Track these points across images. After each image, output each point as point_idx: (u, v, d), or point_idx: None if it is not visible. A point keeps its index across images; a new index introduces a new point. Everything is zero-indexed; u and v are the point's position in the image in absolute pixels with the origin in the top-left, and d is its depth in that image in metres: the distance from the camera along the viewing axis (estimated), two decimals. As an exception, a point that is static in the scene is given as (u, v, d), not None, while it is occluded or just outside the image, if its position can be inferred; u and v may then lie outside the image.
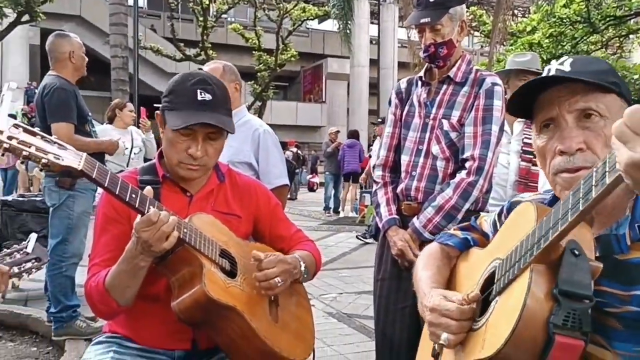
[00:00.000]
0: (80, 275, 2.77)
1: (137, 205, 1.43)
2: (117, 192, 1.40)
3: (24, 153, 1.26)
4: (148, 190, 1.46)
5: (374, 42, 24.26)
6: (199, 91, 1.60)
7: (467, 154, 2.18)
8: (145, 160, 6.25)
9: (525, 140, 2.88)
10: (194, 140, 1.61)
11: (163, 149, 1.70)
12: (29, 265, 1.65)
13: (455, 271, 1.39)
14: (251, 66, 21.34)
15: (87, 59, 3.69)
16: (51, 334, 3.53)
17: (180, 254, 1.52)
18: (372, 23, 26.40)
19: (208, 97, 1.61)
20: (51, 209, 3.53)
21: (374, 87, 24.11)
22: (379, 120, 12.89)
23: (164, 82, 25.77)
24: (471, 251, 1.38)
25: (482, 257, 1.26)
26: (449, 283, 1.36)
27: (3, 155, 1.25)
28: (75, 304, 3.48)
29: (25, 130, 1.27)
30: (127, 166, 5.44)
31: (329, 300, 5.06)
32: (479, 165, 2.17)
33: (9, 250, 1.67)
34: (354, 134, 12.30)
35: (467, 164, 2.18)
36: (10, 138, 1.24)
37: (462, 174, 2.17)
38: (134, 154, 5.67)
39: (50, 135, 1.35)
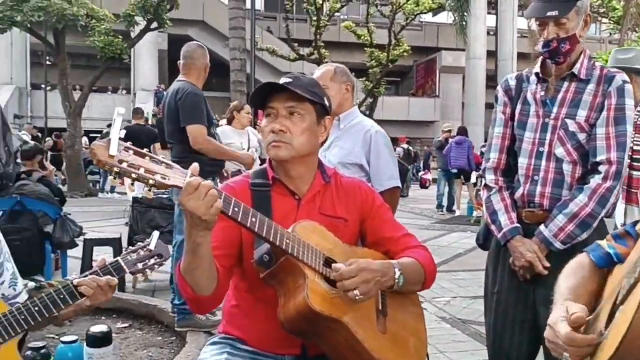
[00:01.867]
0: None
1: (239, 220, 1.43)
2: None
3: (133, 175, 1.28)
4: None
5: (491, 32, 23.26)
6: (281, 79, 1.68)
7: (600, 157, 1.99)
8: (262, 160, 6.48)
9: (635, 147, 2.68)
10: (276, 117, 1.66)
11: None
12: (151, 261, 1.75)
13: (606, 284, 1.28)
14: (363, 62, 21.37)
15: None
16: (175, 324, 3.76)
17: (284, 264, 1.52)
18: (489, 13, 25.34)
19: (288, 80, 1.67)
20: (176, 206, 3.75)
21: (491, 80, 23.13)
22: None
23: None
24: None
25: (621, 268, 1.18)
26: (598, 297, 1.26)
27: (115, 178, 1.29)
28: (197, 298, 3.68)
29: (135, 153, 1.30)
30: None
31: (442, 304, 4.92)
32: (617, 169, 1.97)
33: (133, 248, 1.78)
34: (463, 131, 11.91)
35: (601, 168, 1.98)
36: (120, 162, 1.27)
37: (598, 179, 1.98)
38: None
39: (180, 138, 1.39)
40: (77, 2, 14.54)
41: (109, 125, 14.50)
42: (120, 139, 1.28)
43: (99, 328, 2.47)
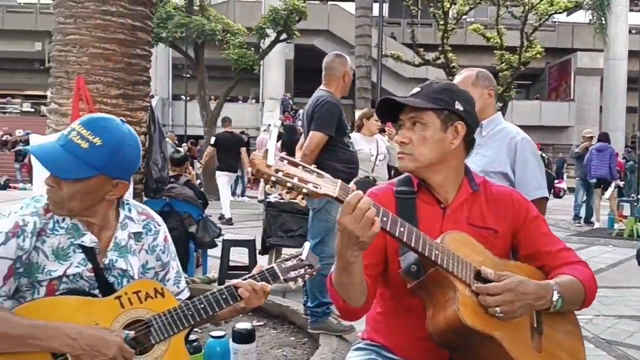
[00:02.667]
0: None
1: (387, 229, 1.42)
2: None
3: (288, 185, 1.31)
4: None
5: (633, 31, 21.34)
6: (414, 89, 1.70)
7: None
8: (389, 167, 6.47)
9: None
10: (402, 129, 1.67)
11: None
12: (303, 271, 1.81)
13: None
14: (491, 66, 20.53)
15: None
16: (307, 325, 3.86)
17: (433, 276, 1.50)
18: (631, 10, 23.27)
19: (416, 90, 1.68)
20: (311, 211, 3.86)
21: (634, 82, 21.20)
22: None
23: (402, 88, 26.56)
24: None
25: None
26: None
27: (272, 187, 1.34)
28: (329, 301, 3.75)
29: (290, 163, 1.33)
30: (372, 172, 5.70)
31: (584, 322, 4.56)
32: None
33: (287, 256, 1.86)
34: (604, 137, 10.99)
35: None
36: (277, 171, 1.31)
37: None
38: (379, 160, 5.89)
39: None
40: (214, 18, 15.59)
41: (242, 133, 15.19)
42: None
43: (244, 325, 2.61)
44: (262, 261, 5.60)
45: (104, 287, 1.67)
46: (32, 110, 29.45)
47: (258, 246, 5.63)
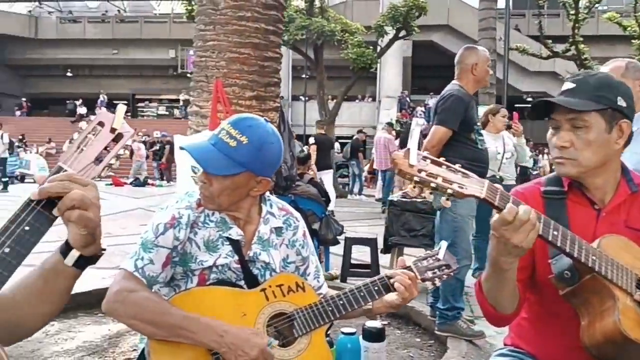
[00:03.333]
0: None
1: (540, 232, 1.35)
2: None
3: (432, 185, 1.28)
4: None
5: None
6: (565, 83, 1.55)
7: None
8: (516, 166, 6.17)
9: None
10: (558, 130, 1.54)
11: None
12: (439, 271, 1.77)
13: None
14: (628, 57, 18.91)
15: (491, 72, 3.83)
16: (433, 327, 3.79)
17: (589, 283, 1.40)
18: None
19: (571, 85, 1.53)
20: (438, 211, 3.78)
21: None
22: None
23: (527, 82, 25.23)
24: None
25: None
26: None
27: (414, 187, 1.32)
28: (461, 306, 3.65)
29: (433, 162, 1.30)
30: (498, 171, 5.47)
31: None
32: None
33: (423, 255, 1.83)
34: None
35: None
36: (420, 171, 1.28)
37: None
38: (506, 159, 5.65)
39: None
40: (333, 18, 15.84)
41: (359, 132, 15.29)
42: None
43: (374, 324, 2.61)
44: (384, 260, 5.60)
45: (249, 278, 1.75)
46: (167, 113, 31.84)
47: (380, 245, 5.62)
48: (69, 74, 34.24)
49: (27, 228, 0.94)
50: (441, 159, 1.33)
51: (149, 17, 34.64)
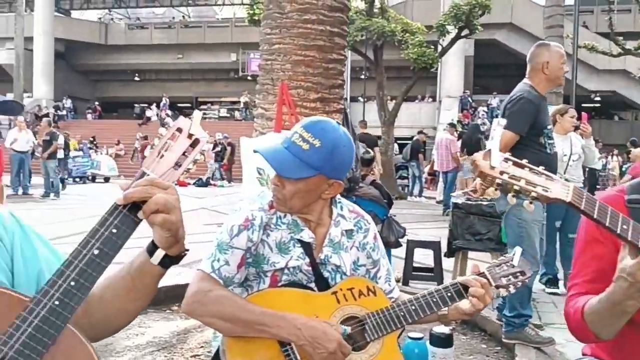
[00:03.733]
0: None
1: (629, 238, 1.28)
2: (607, 224, 1.30)
3: (515, 187, 1.24)
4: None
5: None
6: None
7: None
8: (584, 168, 5.91)
9: None
10: None
11: None
12: (513, 278, 1.72)
13: None
14: None
15: (566, 69, 3.66)
16: (499, 333, 3.68)
17: None
18: None
19: None
20: (503, 215, 3.67)
21: None
22: None
23: (594, 81, 24.19)
24: None
25: None
26: None
27: (497, 190, 1.28)
28: (529, 314, 3.53)
29: (515, 164, 1.26)
30: (565, 173, 5.26)
31: None
32: None
33: (497, 262, 1.78)
34: None
35: None
36: (502, 173, 1.25)
37: None
38: (573, 161, 5.44)
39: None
40: (393, 18, 15.71)
41: (420, 132, 15.07)
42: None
43: (442, 329, 2.57)
44: (447, 264, 5.49)
45: (319, 281, 1.76)
46: (228, 115, 32.52)
47: (443, 248, 5.53)
48: (136, 78, 35.64)
49: (114, 230, 0.97)
50: (524, 161, 1.29)
51: (212, 22, 35.56)
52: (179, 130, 1.13)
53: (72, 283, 0.91)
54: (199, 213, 11.18)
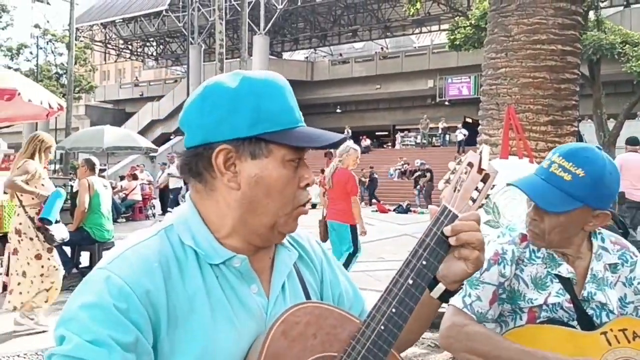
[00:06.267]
0: None
1: None
2: None
3: None
4: None
5: None
6: None
7: None
8: None
9: None
10: None
11: None
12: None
13: None
14: None
15: None
16: None
17: None
18: None
19: None
20: None
21: None
22: None
23: None
24: None
25: None
26: None
27: None
28: None
29: None
30: None
31: None
32: None
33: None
34: None
35: None
36: None
37: None
38: None
39: None
40: (610, 30, 14.33)
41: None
42: None
43: None
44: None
45: (583, 319, 1.63)
46: (425, 141, 32.53)
47: None
48: (338, 110, 37.72)
49: (424, 263, 1.01)
50: None
51: (409, 51, 36.20)
52: (470, 165, 1.13)
53: (394, 310, 0.96)
54: (401, 239, 11.27)
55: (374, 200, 20.94)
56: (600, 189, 1.57)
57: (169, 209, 14.29)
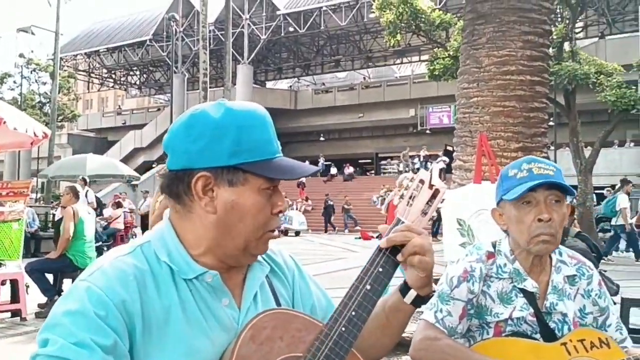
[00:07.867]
0: None
1: None
2: None
3: None
4: None
5: None
6: None
7: None
8: None
9: None
10: None
11: None
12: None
13: None
14: None
15: None
16: None
17: None
18: None
19: None
20: None
21: None
22: None
23: None
24: None
25: None
26: None
27: None
28: None
29: None
30: None
31: None
32: None
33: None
34: None
35: None
36: None
37: None
38: None
39: None
40: (585, 60, 14.79)
41: (623, 180, 13.68)
42: None
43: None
44: (673, 327, 4.82)
45: (545, 331, 1.71)
46: (406, 169, 32.87)
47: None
48: (321, 138, 37.98)
49: (380, 269, 1.11)
50: None
51: (391, 81, 36.78)
52: (422, 181, 1.25)
53: (353, 313, 1.06)
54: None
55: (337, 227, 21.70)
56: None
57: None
